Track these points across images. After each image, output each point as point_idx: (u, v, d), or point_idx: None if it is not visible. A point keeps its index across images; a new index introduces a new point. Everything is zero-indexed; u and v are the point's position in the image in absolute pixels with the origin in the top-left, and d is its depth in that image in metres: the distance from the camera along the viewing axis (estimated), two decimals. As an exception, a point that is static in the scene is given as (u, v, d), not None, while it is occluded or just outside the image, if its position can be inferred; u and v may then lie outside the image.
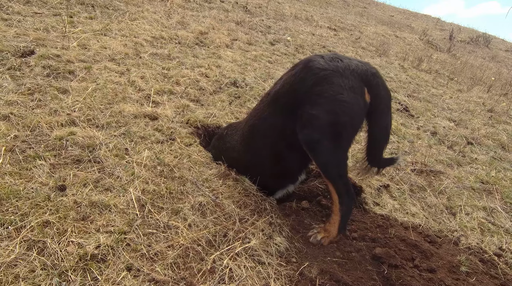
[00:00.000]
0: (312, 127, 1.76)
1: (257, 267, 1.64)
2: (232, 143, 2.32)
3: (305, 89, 1.79)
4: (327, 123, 1.74)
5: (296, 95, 1.84)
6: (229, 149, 2.33)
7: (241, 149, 2.24)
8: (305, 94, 1.79)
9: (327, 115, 1.73)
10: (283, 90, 1.92)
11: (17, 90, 2.39)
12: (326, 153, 1.79)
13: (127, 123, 2.44)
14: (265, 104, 2.06)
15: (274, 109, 1.98)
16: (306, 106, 1.78)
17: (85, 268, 1.40)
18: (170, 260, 1.57)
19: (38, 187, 1.69)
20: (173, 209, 1.84)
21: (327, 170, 1.84)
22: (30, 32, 3.20)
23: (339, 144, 1.79)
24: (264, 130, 2.06)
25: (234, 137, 2.32)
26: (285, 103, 1.92)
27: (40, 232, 1.48)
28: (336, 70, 1.75)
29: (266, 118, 2.03)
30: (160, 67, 3.47)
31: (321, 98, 1.74)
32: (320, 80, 1.75)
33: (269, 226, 1.91)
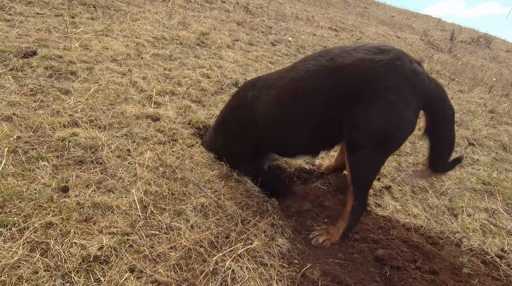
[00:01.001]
0: (364, 132, 1.68)
1: (260, 268, 1.65)
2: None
3: (380, 85, 1.63)
4: (380, 134, 1.67)
5: (367, 84, 1.65)
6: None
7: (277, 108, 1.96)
8: (375, 91, 1.64)
9: (385, 126, 1.65)
10: (355, 69, 1.67)
11: (20, 91, 2.40)
12: (364, 160, 1.74)
13: (129, 124, 2.44)
14: (323, 70, 1.76)
15: (333, 82, 1.73)
16: (368, 105, 1.65)
17: (88, 270, 1.40)
18: (173, 261, 1.57)
19: (41, 188, 1.69)
20: (176, 210, 1.84)
21: (358, 175, 1.80)
22: (32, 33, 3.21)
23: (380, 156, 1.77)
24: (312, 97, 1.80)
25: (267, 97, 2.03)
26: (349, 85, 1.70)
27: (43, 233, 1.48)
28: (413, 84, 1.64)
29: (319, 86, 1.76)
30: (161, 67, 3.48)
31: (388, 105, 1.63)
32: (398, 87, 1.62)
33: (271, 227, 1.91)
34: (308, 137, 1.96)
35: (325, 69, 1.74)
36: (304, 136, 1.97)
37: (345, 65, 1.69)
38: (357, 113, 1.68)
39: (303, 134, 1.95)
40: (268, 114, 1.99)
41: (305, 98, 1.82)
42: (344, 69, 1.70)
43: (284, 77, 1.92)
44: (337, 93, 1.73)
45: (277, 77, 1.99)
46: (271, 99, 1.95)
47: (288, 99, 1.88)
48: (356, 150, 1.74)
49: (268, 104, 1.97)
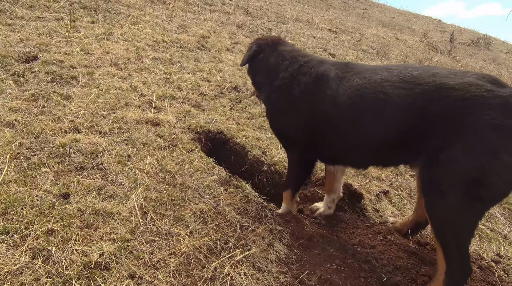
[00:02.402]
0: (448, 174, 1.40)
1: (257, 274, 1.67)
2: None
3: (482, 119, 1.35)
4: (469, 180, 1.37)
5: (466, 113, 1.37)
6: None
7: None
8: (474, 125, 1.36)
9: (475, 170, 1.36)
10: (457, 93, 1.41)
11: (21, 97, 2.43)
12: (448, 211, 1.43)
13: (130, 129, 2.47)
14: (420, 83, 1.49)
15: (425, 100, 1.46)
16: (459, 140, 1.38)
17: (89, 276, 1.43)
18: (172, 267, 1.59)
19: (43, 195, 1.72)
20: (175, 216, 1.87)
21: (442, 231, 1.49)
22: (34, 37, 3.24)
23: (471, 209, 1.42)
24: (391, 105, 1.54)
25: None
26: (443, 109, 1.42)
27: (45, 240, 1.51)
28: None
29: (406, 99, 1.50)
30: (162, 71, 3.50)
31: (485, 146, 1.35)
32: (505, 127, 1.33)
33: (270, 233, 1.94)
34: (361, 145, 1.73)
35: (422, 84, 1.49)
36: (357, 143, 1.74)
37: (447, 87, 1.43)
38: (442, 147, 1.41)
39: (357, 140, 1.73)
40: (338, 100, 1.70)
41: (382, 103, 1.56)
42: (445, 90, 1.43)
43: (376, 73, 1.67)
44: (423, 114, 1.46)
45: (369, 68, 1.74)
46: (352, 86, 1.68)
47: (364, 95, 1.62)
48: (436, 196, 1.44)
49: (344, 90, 1.70)
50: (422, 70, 1.57)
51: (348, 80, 1.72)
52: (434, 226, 1.52)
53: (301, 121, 1.88)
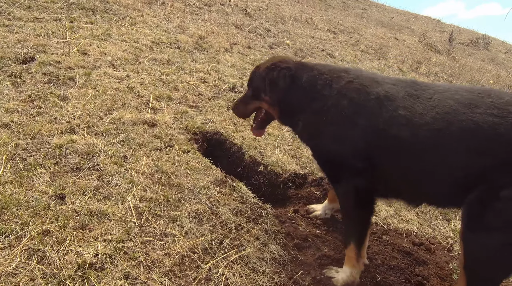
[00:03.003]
0: (501, 212, 1.30)
1: (252, 275, 1.68)
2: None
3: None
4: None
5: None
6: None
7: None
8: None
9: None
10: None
11: (18, 98, 2.43)
12: (490, 249, 1.35)
13: (126, 130, 2.48)
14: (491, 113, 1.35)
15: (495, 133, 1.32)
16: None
17: (83, 277, 1.44)
18: (167, 268, 1.60)
19: (38, 196, 1.72)
20: (170, 217, 1.88)
21: (475, 264, 1.42)
22: (31, 38, 3.24)
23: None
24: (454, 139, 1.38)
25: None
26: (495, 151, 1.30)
27: (40, 241, 1.52)
28: None
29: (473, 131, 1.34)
30: (159, 72, 3.51)
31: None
32: None
33: (264, 233, 1.95)
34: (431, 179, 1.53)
35: (494, 115, 1.33)
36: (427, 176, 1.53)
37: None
38: (503, 185, 1.30)
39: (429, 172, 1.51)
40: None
41: (471, 132, 1.36)
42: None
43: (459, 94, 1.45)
44: (504, 146, 1.32)
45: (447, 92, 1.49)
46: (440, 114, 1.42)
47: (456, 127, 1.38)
48: (483, 232, 1.36)
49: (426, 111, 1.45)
50: (494, 97, 1.39)
51: (429, 99, 1.47)
52: (468, 259, 1.42)
53: (359, 146, 1.58)
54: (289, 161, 2.76)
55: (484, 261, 1.39)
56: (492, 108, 1.35)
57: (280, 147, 2.93)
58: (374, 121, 1.52)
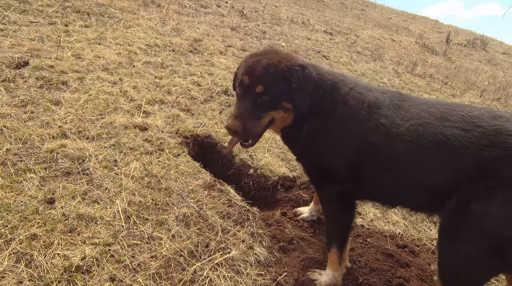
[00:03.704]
0: (474, 223, 1.33)
1: (236, 277, 1.73)
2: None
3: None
4: (496, 236, 1.30)
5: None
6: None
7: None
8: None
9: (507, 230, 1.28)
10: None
11: (11, 103, 2.48)
12: (463, 259, 1.38)
13: (118, 134, 2.52)
14: (477, 125, 1.39)
15: (477, 145, 1.35)
16: (499, 193, 1.28)
17: (69, 280, 1.48)
18: (153, 270, 1.65)
19: (28, 200, 1.77)
20: (158, 220, 1.92)
21: (449, 274, 1.46)
22: (25, 43, 3.29)
23: (484, 264, 1.36)
24: (440, 149, 1.42)
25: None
26: (492, 157, 1.31)
27: (28, 245, 1.56)
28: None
29: (459, 141, 1.38)
30: (152, 76, 3.55)
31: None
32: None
33: (251, 236, 1.99)
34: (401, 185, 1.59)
35: (481, 125, 1.37)
36: (397, 181, 1.59)
37: (507, 132, 1.33)
38: (476, 197, 1.32)
39: (400, 179, 1.57)
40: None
41: (440, 144, 1.41)
42: (503, 136, 1.32)
43: (437, 110, 1.50)
44: (476, 159, 1.35)
45: (426, 105, 1.55)
46: (415, 124, 1.49)
47: (428, 137, 1.44)
48: (457, 243, 1.39)
49: (404, 128, 1.50)
50: (484, 111, 1.44)
51: (407, 111, 1.54)
52: (442, 267, 1.47)
53: (352, 151, 1.61)
54: (278, 164, 2.80)
55: (455, 270, 1.43)
56: (460, 122, 1.40)
57: (271, 150, 2.98)
58: (364, 128, 1.56)
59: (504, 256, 1.31)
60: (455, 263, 1.42)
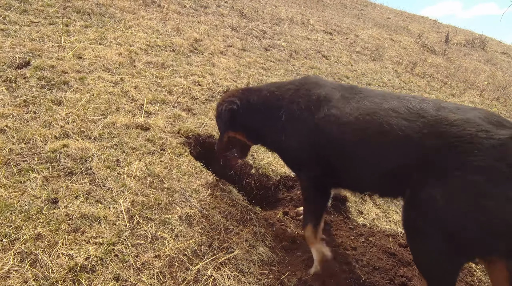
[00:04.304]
0: (424, 212, 1.37)
1: (239, 276, 1.73)
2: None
3: (469, 160, 1.28)
4: (445, 222, 1.32)
5: (456, 152, 1.33)
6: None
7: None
8: (460, 164, 1.30)
9: (453, 214, 1.30)
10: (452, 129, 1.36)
11: (13, 103, 2.48)
12: (424, 251, 1.43)
13: (120, 134, 2.52)
14: (422, 114, 1.46)
15: (423, 133, 1.42)
16: (443, 179, 1.32)
17: (74, 279, 1.49)
18: (157, 270, 1.65)
19: (31, 200, 1.77)
20: (161, 220, 1.93)
21: (420, 267, 1.51)
22: (26, 43, 3.28)
23: (447, 253, 1.36)
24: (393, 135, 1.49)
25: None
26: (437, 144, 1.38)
27: (32, 244, 1.56)
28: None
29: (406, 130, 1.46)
30: (153, 76, 3.55)
31: (467, 187, 1.28)
32: (491, 170, 1.25)
33: (253, 236, 2.00)
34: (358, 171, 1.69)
35: (425, 115, 1.44)
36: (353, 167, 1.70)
37: (447, 122, 1.39)
38: (425, 184, 1.37)
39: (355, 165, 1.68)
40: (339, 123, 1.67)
41: (389, 135, 1.50)
42: (443, 125, 1.39)
43: (386, 102, 1.61)
44: (420, 147, 1.42)
45: (376, 97, 1.68)
46: (363, 114, 1.61)
47: (374, 126, 1.55)
48: (416, 235, 1.45)
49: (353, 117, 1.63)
50: (432, 103, 1.50)
51: (358, 102, 1.67)
52: (414, 260, 1.53)
53: (307, 141, 1.80)
54: (280, 164, 2.81)
55: (426, 265, 1.46)
56: (406, 113, 1.49)
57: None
58: (316, 119, 1.75)
59: (460, 244, 1.33)
60: (418, 255, 1.48)
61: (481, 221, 1.26)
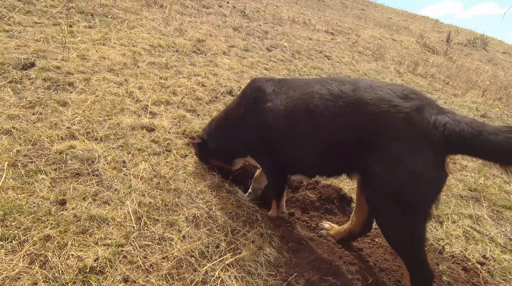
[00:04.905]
0: (374, 188, 1.54)
1: (247, 277, 1.74)
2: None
3: (388, 135, 1.47)
4: (390, 191, 1.49)
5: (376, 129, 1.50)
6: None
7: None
8: (383, 140, 1.49)
9: (393, 183, 1.48)
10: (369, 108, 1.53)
11: (19, 104, 2.48)
12: (387, 223, 1.59)
13: (125, 135, 2.53)
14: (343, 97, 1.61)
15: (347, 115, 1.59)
16: (377, 155, 1.50)
17: (84, 281, 1.49)
18: (165, 271, 1.66)
19: (40, 201, 1.78)
20: (168, 221, 1.93)
21: (390, 241, 1.65)
22: (31, 43, 3.29)
23: (404, 218, 1.53)
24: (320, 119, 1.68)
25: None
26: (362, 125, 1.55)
27: (42, 246, 1.57)
28: (429, 137, 1.44)
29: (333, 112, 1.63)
30: (157, 76, 3.56)
31: (395, 159, 1.46)
32: (408, 141, 1.45)
33: (260, 237, 2.00)
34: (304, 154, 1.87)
35: (344, 96, 1.61)
36: (292, 151, 1.92)
37: (363, 101, 1.54)
38: (370, 162, 1.53)
39: (293, 149, 1.89)
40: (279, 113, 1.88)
41: (315, 116, 1.69)
42: (361, 105, 1.54)
43: (310, 87, 1.79)
44: (349, 128, 1.59)
45: (302, 84, 1.88)
46: (289, 101, 1.83)
47: (301, 110, 1.75)
48: (375, 212, 1.62)
49: (283, 105, 1.86)
50: (349, 83, 1.66)
51: (285, 93, 1.88)
52: (385, 238, 1.67)
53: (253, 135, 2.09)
54: (285, 165, 2.81)
55: (393, 237, 1.62)
56: (328, 95, 1.65)
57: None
58: (256, 113, 1.99)
59: (408, 207, 1.49)
60: (389, 232, 1.63)
61: (414, 182, 1.45)
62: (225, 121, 2.29)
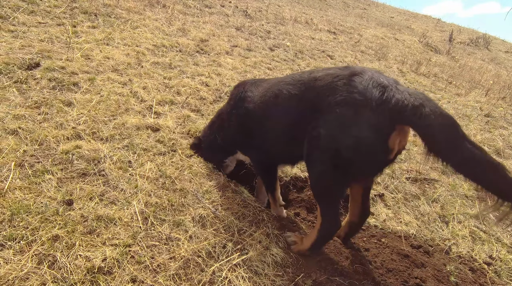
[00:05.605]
0: (315, 146, 1.70)
1: (254, 278, 1.73)
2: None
3: (332, 99, 1.63)
4: (329, 150, 1.65)
5: (323, 97, 1.68)
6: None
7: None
8: (328, 105, 1.65)
9: (332, 142, 1.63)
10: (318, 83, 1.74)
11: (24, 104, 2.48)
12: (318, 176, 1.77)
13: (130, 135, 2.53)
14: (301, 80, 1.86)
15: (303, 93, 1.81)
16: (321, 119, 1.67)
17: (92, 281, 1.49)
18: (172, 271, 1.66)
19: (47, 201, 1.78)
20: (175, 221, 1.93)
21: (315, 190, 1.86)
22: (35, 44, 3.29)
23: (334, 174, 1.69)
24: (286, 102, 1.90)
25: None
26: (312, 97, 1.76)
27: (50, 246, 1.57)
28: (370, 99, 1.54)
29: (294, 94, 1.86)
30: (161, 76, 3.56)
31: (337, 120, 1.61)
32: (349, 102, 1.58)
33: (267, 237, 2.00)
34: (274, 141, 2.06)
35: (302, 79, 1.87)
36: (269, 137, 2.08)
37: (315, 78, 1.79)
38: (314, 126, 1.70)
39: (269, 135, 2.08)
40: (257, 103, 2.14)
41: (280, 98, 1.93)
42: (313, 81, 1.80)
43: (281, 79, 2.06)
44: (304, 103, 1.80)
45: (277, 79, 2.16)
46: (263, 90, 2.13)
47: (270, 95, 2.02)
48: (309, 164, 1.80)
49: (259, 94, 2.15)
50: (308, 71, 1.94)
51: (260, 86, 2.19)
52: (311, 188, 1.90)
53: (242, 127, 2.26)
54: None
55: (318, 187, 1.82)
56: (291, 81, 1.91)
57: (281, 151, 2.98)
58: (242, 105, 2.20)
59: (341, 163, 1.65)
60: (314, 180, 1.82)
61: (354, 142, 1.57)
62: (216, 120, 2.47)
